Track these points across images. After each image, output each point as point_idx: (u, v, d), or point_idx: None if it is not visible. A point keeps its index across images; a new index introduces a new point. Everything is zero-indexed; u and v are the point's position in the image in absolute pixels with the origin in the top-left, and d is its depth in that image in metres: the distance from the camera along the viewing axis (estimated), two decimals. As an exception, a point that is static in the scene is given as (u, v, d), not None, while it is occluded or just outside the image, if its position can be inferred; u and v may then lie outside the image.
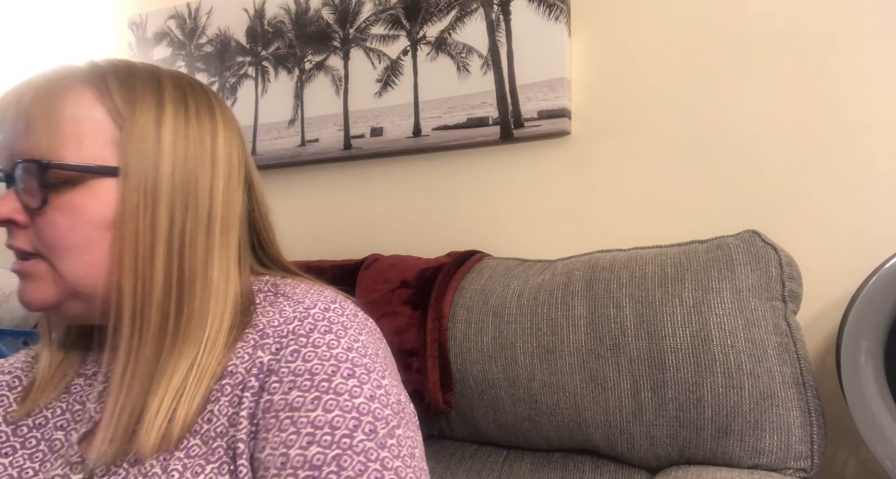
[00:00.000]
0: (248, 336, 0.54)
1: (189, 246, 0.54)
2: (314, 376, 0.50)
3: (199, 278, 0.54)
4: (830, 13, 0.95)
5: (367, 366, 0.53)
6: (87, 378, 0.59)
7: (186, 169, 0.55)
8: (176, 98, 0.56)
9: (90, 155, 0.53)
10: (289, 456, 0.47)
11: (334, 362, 0.51)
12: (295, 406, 0.49)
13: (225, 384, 0.52)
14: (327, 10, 1.30)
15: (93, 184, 0.52)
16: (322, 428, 0.48)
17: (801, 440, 0.75)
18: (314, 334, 0.53)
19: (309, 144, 1.31)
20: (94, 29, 1.63)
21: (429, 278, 0.97)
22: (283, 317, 0.54)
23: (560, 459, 0.89)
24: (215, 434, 0.50)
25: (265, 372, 0.51)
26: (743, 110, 1.00)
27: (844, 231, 0.94)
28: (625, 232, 1.07)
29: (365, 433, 0.49)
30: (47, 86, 0.53)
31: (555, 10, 1.09)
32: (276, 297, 0.57)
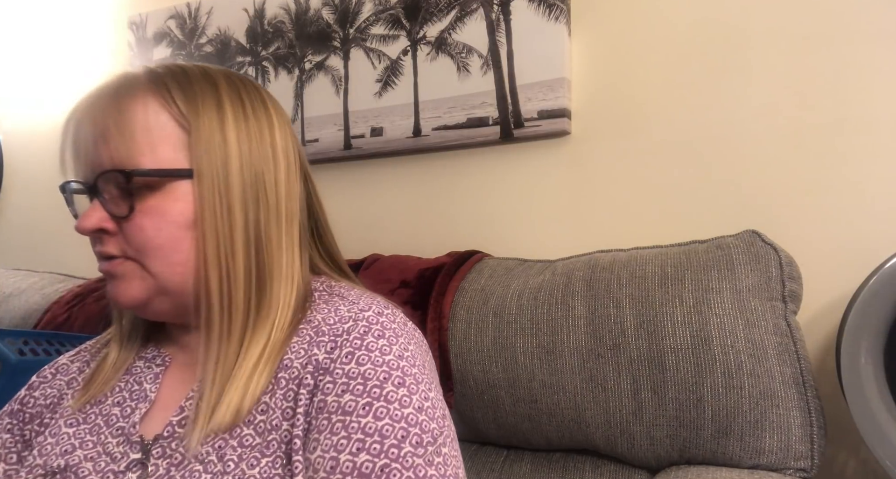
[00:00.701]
0: (303, 331, 0.56)
1: (264, 239, 0.57)
2: (367, 382, 0.52)
3: (274, 266, 0.57)
4: (830, 13, 0.95)
5: (416, 376, 0.54)
6: (147, 361, 0.63)
7: (252, 165, 0.58)
8: (232, 97, 0.59)
9: (165, 160, 0.56)
10: (339, 461, 0.49)
11: (386, 368, 0.53)
12: (347, 410, 0.51)
13: (280, 377, 0.54)
14: (327, 10, 1.30)
15: (171, 187, 0.56)
16: (372, 435, 0.49)
17: (801, 440, 0.75)
18: (368, 337, 0.54)
19: (309, 144, 1.31)
20: (94, 29, 1.63)
21: (429, 278, 0.97)
22: (338, 316, 0.56)
23: (560, 459, 0.89)
24: (270, 427, 0.52)
25: (320, 371, 0.53)
26: (743, 110, 1.00)
27: (844, 231, 0.94)
28: (625, 232, 1.07)
29: (412, 445, 0.50)
30: (115, 98, 0.56)
31: (555, 10, 1.09)
32: (330, 296, 0.60)
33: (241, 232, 0.56)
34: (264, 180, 0.58)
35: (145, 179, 0.55)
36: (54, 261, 1.58)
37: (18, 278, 1.38)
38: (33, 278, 1.37)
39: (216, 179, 0.56)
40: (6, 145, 1.75)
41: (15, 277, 1.39)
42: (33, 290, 1.31)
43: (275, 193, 0.59)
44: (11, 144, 1.74)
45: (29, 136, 1.71)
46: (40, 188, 1.69)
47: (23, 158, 1.73)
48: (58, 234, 1.63)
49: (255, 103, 0.61)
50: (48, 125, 1.69)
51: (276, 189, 0.59)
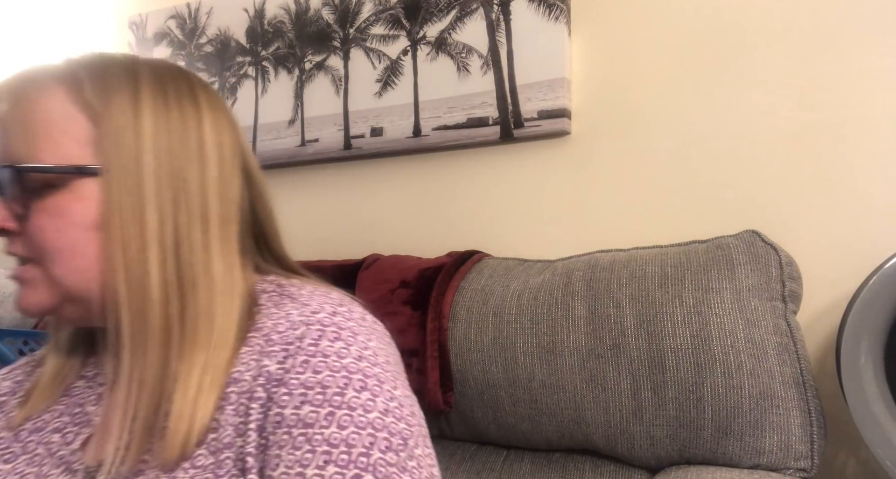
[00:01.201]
0: (252, 341, 0.51)
1: (185, 243, 0.51)
2: (326, 390, 0.48)
3: (200, 275, 0.52)
4: (830, 13, 0.95)
5: (378, 377, 0.51)
6: (88, 380, 0.58)
7: (172, 161, 0.52)
8: (154, 88, 0.53)
9: (68, 155, 0.51)
10: (305, 476, 0.46)
11: (345, 373, 0.49)
12: (308, 422, 0.47)
13: (230, 392, 0.50)
14: (327, 10, 1.30)
15: (75, 185, 0.51)
16: (338, 446, 0.46)
17: (801, 440, 0.75)
18: (322, 341, 0.50)
19: (309, 144, 1.31)
20: (94, 29, 1.63)
21: (429, 278, 0.97)
22: (289, 322, 0.51)
23: (560, 459, 0.89)
24: (222, 445, 0.49)
25: (273, 382, 0.49)
26: (743, 110, 1.00)
27: (844, 231, 0.94)
28: (625, 232, 1.07)
29: (381, 451, 0.47)
30: (19, 89, 0.52)
31: (555, 10, 1.09)
32: (280, 298, 0.55)
33: (155, 235, 0.51)
34: (186, 179, 0.52)
35: (45, 176, 0.50)
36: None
37: (18, 278, 1.38)
38: (33, 278, 1.37)
39: (126, 176, 0.50)
40: (6, 145, 1.75)
41: (15, 277, 1.39)
42: (33, 290, 1.31)
43: (200, 193, 0.53)
44: (11, 144, 1.75)
45: (29, 136, 1.72)
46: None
47: (23, 158, 1.73)
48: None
49: (181, 95, 0.54)
50: (48, 125, 1.69)
51: (201, 189, 0.53)
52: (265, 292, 0.56)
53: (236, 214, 0.55)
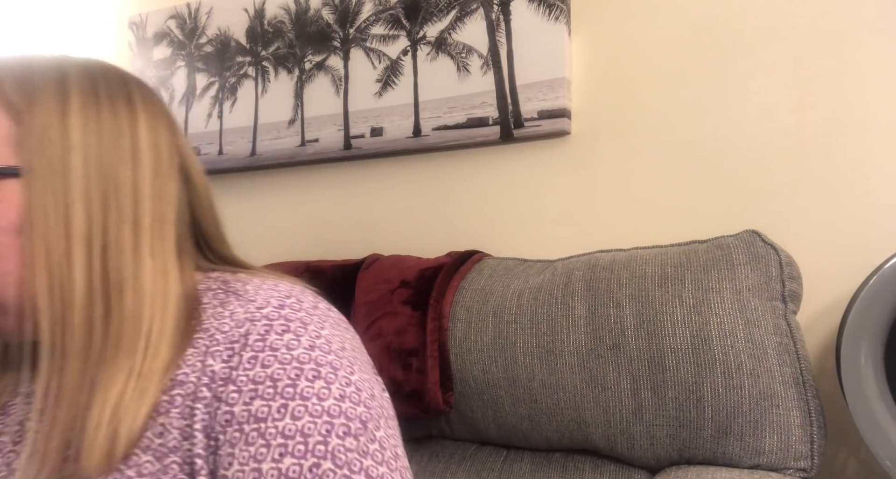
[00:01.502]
0: (198, 342, 0.50)
1: (113, 246, 0.49)
2: (277, 383, 0.47)
3: (128, 279, 0.49)
4: (830, 13, 0.95)
5: (332, 364, 0.49)
6: (26, 397, 0.55)
7: (102, 162, 0.50)
8: (84, 86, 0.51)
9: None
10: (262, 471, 0.44)
11: (296, 364, 0.47)
12: (260, 417, 0.46)
13: (175, 395, 0.48)
14: (327, 10, 1.30)
15: None
16: (294, 437, 0.45)
17: (801, 440, 0.75)
18: (270, 335, 0.48)
19: (309, 144, 1.31)
20: (94, 29, 1.63)
21: (429, 278, 0.97)
22: (233, 320, 0.50)
23: (560, 459, 0.89)
24: (168, 449, 0.47)
25: (218, 381, 0.47)
26: (743, 110, 1.00)
27: (844, 231, 0.94)
28: (625, 232, 1.07)
29: (339, 436, 0.46)
30: None
31: (555, 10, 1.09)
32: (226, 295, 0.53)
33: (82, 239, 0.48)
34: (117, 180, 0.50)
35: None
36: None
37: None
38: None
39: (51, 177, 0.48)
40: (6, 145, 1.75)
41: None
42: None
43: (132, 195, 0.51)
44: (11, 144, 1.74)
45: (29, 136, 1.72)
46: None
47: (23, 158, 1.73)
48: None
49: (114, 94, 0.52)
50: (48, 125, 1.69)
51: (134, 190, 0.51)
52: (210, 291, 0.54)
53: (173, 216, 0.53)
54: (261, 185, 1.40)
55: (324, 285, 1.05)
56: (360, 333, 0.97)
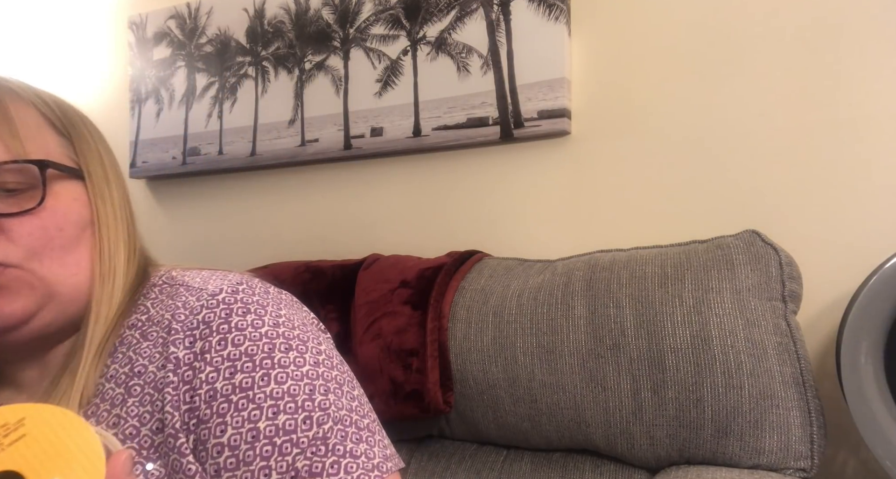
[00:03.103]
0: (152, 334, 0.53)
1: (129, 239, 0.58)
2: (253, 357, 0.50)
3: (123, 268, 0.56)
4: (830, 13, 0.95)
5: (299, 337, 0.53)
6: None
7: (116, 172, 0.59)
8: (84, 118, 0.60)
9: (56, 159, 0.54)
10: (259, 429, 0.48)
11: (266, 339, 0.52)
12: (245, 387, 0.49)
13: (133, 386, 0.51)
14: (327, 10, 1.30)
15: (66, 186, 0.54)
16: (282, 398, 0.49)
17: (801, 440, 0.75)
18: (233, 318, 0.52)
19: (309, 144, 1.31)
20: (94, 29, 1.63)
21: (429, 278, 0.97)
22: (187, 309, 0.53)
23: (560, 459, 0.89)
24: (123, 436, 0.50)
25: (184, 366, 0.50)
26: (743, 110, 1.00)
27: (844, 231, 0.94)
28: (625, 232, 1.07)
29: (322, 393, 0.51)
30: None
31: (555, 10, 1.09)
32: (173, 288, 0.56)
33: (122, 235, 0.56)
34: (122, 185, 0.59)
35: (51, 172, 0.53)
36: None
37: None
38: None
39: (100, 181, 0.56)
40: (6, 145, 1.75)
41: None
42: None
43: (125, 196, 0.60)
44: (11, 144, 1.74)
45: (29, 136, 1.71)
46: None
47: (23, 158, 1.72)
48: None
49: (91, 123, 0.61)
50: (48, 125, 1.69)
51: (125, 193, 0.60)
52: (157, 285, 0.58)
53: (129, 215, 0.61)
54: (261, 185, 1.40)
55: (324, 285, 1.05)
56: (360, 333, 0.97)
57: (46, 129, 0.55)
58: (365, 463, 0.50)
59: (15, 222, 0.50)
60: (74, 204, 0.54)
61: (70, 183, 0.54)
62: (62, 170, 0.53)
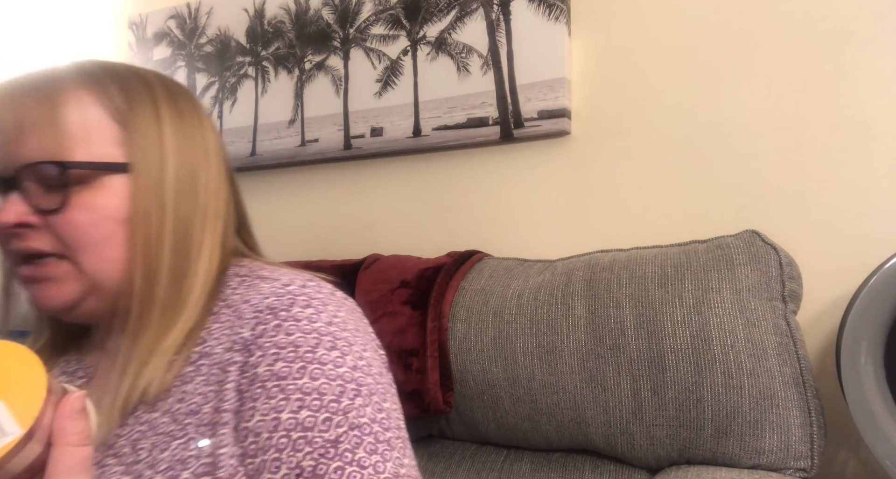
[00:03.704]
0: (222, 317, 0.56)
1: (188, 236, 0.57)
2: (298, 348, 0.52)
3: (192, 264, 0.57)
4: (830, 13, 0.95)
5: (347, 339, 0.54)
6: (69, 375, 0.61)
7: (187, 164, 0.58)
8: (167, 97, 0.59)
9: (100, 154, 0.55)
10: (280, 419, 0.49)
11: (316, 335, 0.53)
12: (281, 376, 0.51)
13: (201, 364, 0.54)
14: (327, 10, 1.30)
15: (105, 182, 0.55)
16: (310, 394, 0.50)
17: (801, 440, 0.75)
18: (294, 308, 0.54)
19: (309, 144, 1.31)
20: (94, 29, 1.63)
21: (429, 278, 0.97)
22: (260, 295, 0.55)
23: (560, 459, 0.89)
24: (188, 411, 0.52)
25: (247, 347, 0.53)
26: (743, 110, 1.00)
27: (844, 231, 0.94)
28: (625, 232, 1.07)
29: (350, 398, 0.51)
30: (43, 90, 0.55)
31: (555, 10, 1.09)
32: (253, 280, 0.59)
33: (171, 229, 0.56)
34: (196, 179, 0.58)
35: (79, 172, 0.54)
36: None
37: (18, 278, 1.38)
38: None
39: (150, 175, 0.56)
40: (6, 145, 1.75)
41: (15, 277, 1.39)
42: (33, 290, 1.31)
43: (204, 192, 0.59)
44: (11, 144, 1.74)
45: (29, 136, 1.71)
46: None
47: (23, 158, 1.73)
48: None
49: (187, 105, 0.61)
50: (48, 125, 1.69)
51: (206, 188, 0.59)
52: (238, 275, 0.60)
53: (223, 211, 0.61)
54: (261, 185, 1.40)
55: (324, 285, 1.05)
56: (360, 333, 0.97)
57: (102, 121, 0.56)
58: (371, 475, 0.49)
59: (57, 218, 0.53)
60: (112, 200, 0.55)
61: (111, 178, 0.55)
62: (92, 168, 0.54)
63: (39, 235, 0.54)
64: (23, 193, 0.54)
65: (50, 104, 0.54)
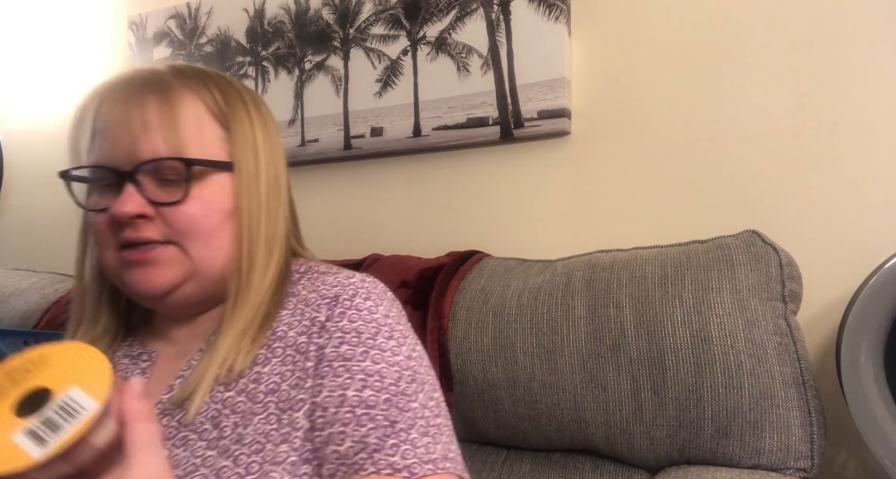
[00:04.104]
0: (289, 304, 0.62)
1: (276, 228, 0.64)
2: (360, 335, 0.58)
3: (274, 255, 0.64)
4: (830, 13, 0.95)
5: (402, 332, 0.61)
6: (133, 358, 0.66)
7: (272, 162, 0.65)
8: (251, 99, 0.66)
9: (210, 152, 0.61)
10: (346, 396, 0.55)
11: (375, 325, 0.59)
12: (346, 357, 0.57)
13: (276, 347, 0.59)
14: (327, 10, 1.30)
15: (214, 177, 0.61)
16: (372, 376, 0.56)
17: (801, 440, 0.75)
18: (357, 299, 0.60)
19: (309, 144, 1.31)
20: (94, 29, 1.63)
21: (429, 278, 0.97)
22: (325, 286, 0.62)
23: (560, 459, 0.89)
24: (267, 390, 0.57)
25: (319, 331, 0.59)
26: (743, 110, 1.00)
27: (844, 231, 0.94)
28: (625, 232, 1.07)
29: (406, 382, 0.57)
30: (160, 90, 0.60)
31: (555, 10, 1.09)
32: (312, 274, 0.66)
33: (265, 222, 0.63)
34: (278, 176, 0.65)
35: (199, 168, 0.60)
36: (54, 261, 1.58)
37: (18, 278, 1.38)
38: (33, 278, 1.37)
39: (250, 172, 0.62)
40: (6, 145, 1.75)
41: (15, 277, 1.39)
42: (33, 290, 1.31)
43: (285, 191, 0.66)
44: (11, 144, 1.74)
45: (29, 136, 1.71)
46: (40, 188, 1.69)
47: (23, 159, 1.73)
48: (58, 234, 1.63)
49: (264, 108, 0.67)
50: (48, 125, 1.69)
51: (284, 187, 0.66)
52: (297, 272, 0.67)
53: (289, 208, 0.68)
54: (261, 185, 1.39)
55: (324, 285, 1.05)
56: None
57: (208, 122, 0.62)
58: (422, 455, 0.54)
59: (169, 209, 0.59)
60: (220, 194, 0.61)
61: (219, 175, 0.61)
62: (209, 166, 0.60)
63: (152, 225, 0.59)
64: (137, 187, 0.59)
65: (170, 104, 0.59)
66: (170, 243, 0.60)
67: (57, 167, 0.64)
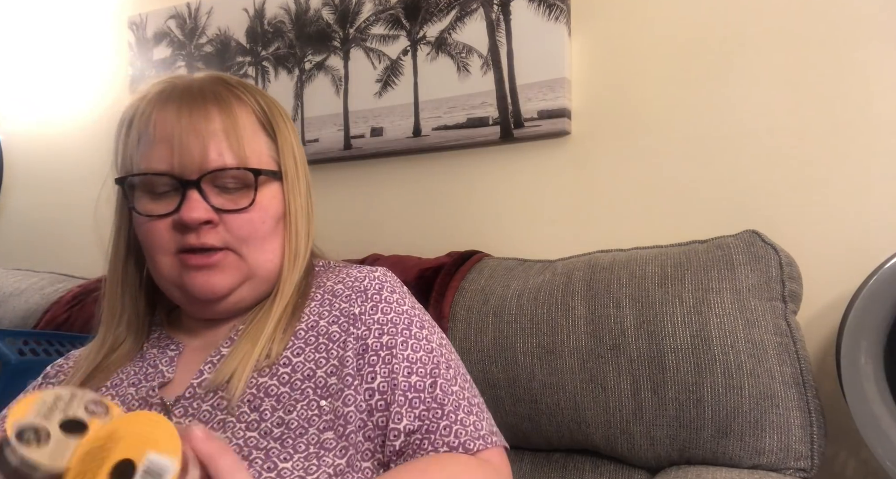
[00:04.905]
0: (316, 296, 0.66)
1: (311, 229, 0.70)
2: (396, 325, 0.64)
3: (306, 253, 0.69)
4: (830, 13, 0.95)
5: (430, 322, 0.67)
6: (161, 348, 0.69)
7: (305, 169, 0.70)
8: (282, 110, 0.70)
9: (266, 162, 0.66)
10: (397, 381, 0.61)
11: (406, 316, 0.65)
12: (390, 346, 0.62)
13: (308, 337, 0.63)
14: (327, 10, 1.30)
15: (270, 186, 0.66)
16: (416, 363, 0.62)
17: (801, 440, 0.75)
18: (384, 292, 0.66)
19: (309, 144, 1.31)
20: (94, 29, 1.63)
21: (429, 278, 0.97)
22: (351, 277, 0.67)
23: (560, 459, 0.89)
24: (303, 376, 0.60)
25: (352, 322, 0.63)
26: (743, 110, 1.00)
27: (844, 231, 0.94)
28: (625, 232, 1.07)
29: (444, 368, 0.63)
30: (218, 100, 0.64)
31: (555, 10, 1.09)
32: (333, 270, 0.71)
33: (305, 225, 0.68)
34: (310, 182, 0.71)
35: (262, 177, 0.64)
36: (54, 261, 1.58)
37: (18, 278, 1.38)
38: (33, 278, 1.37)
39: (294, 179, 0.68)
40: (6, 145, 1.75)
41: (15, 277, 1.39)
42: (33, 290, 1.31)
43: (313, 194, 0.72)
44: (12, 145, 1.74)
45: (29, 136, 1.71)
46: (40, 188, 1.69)
47: (23, 159, 1.73)
48: (58, 234, 1.63)
49: (289, 118, 0.71)
50: (49, 125, 1.69)
51: (312, 190, 0.71)
52: (317, 268, 0.72)
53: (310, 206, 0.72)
54: (261, 185, 1.39)
55: (324, 285, 1.05)
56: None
57: (259, 132, 0.66)
58: (473, 432, 0.60)
59: (231, 216, 0.63)
60: (273, 201, 0.66)
61: (272, 183, 0.66)
62: (268, 175, 0.65)
63: (215, 231, 0.63)
64: (202, 194, 0.62)
65: (230, 114, 0.64)
66: (229, 250, 0.63)
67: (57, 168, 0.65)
